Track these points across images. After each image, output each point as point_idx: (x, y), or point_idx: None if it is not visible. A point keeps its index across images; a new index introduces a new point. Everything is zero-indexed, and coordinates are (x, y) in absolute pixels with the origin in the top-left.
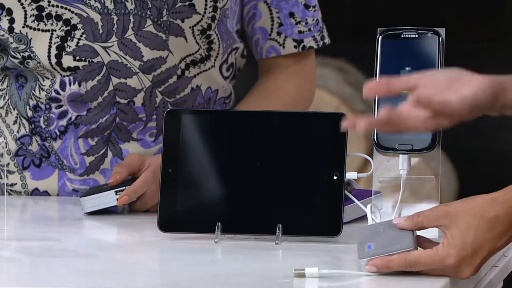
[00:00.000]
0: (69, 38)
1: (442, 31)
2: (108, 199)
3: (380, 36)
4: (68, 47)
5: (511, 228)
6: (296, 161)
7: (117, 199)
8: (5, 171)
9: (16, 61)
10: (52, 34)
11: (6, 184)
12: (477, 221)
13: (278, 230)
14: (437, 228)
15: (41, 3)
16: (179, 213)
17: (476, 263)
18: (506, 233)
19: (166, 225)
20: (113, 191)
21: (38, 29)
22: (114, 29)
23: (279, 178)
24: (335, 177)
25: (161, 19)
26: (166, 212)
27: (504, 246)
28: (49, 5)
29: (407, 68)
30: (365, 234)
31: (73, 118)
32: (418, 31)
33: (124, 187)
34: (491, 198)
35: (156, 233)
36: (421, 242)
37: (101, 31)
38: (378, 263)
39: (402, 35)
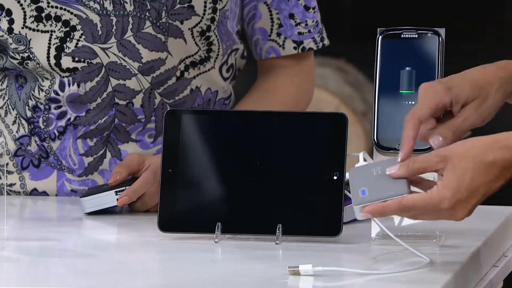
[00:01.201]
0: (68, 39)
1: (442, 31)
2: (108, 199)
3: (380, 36)
4: (67, 48)
5: (507, 172)
6: (296, 161)
7: (117, 199)
8: (3, 171)
9: (15, 61)
10: (51, 35)
11: (5, 184)
12: (475, 164)
13: (278, 230)
14: (435, 172)
15: (40, 4)
16: (179, 213)
17: (471, 205)
18: (501, 176)
19: (166, 225)
20: (113, 191)
21: (37, 30)
22: (113, 30)
23: (279, 178)
24: (335, 177)
25: (160, 21)
26: (166, 212)
27: (497, 190)
28: (48, 6)
29: (407, 68)
30: (358, 177)
31: (72, 118)
32: (418, 31)
33: (124, 187)
34: (492, 141)
35: (156, 233)
36: (416, 182)
37: (100, 32)
38: (372, 209)
39: (402, 35)
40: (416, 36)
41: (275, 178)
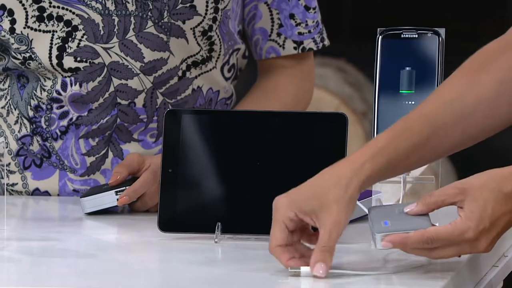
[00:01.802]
0: (70, 39)
1: (442, 31)
2: (108, 199)
3: (380, 36)
4: (69, 48)
5: None
6: (296, 161)
7: (117, 199)
8: (6, 171)
9: (17, 61)
10: (53, 35)
11: (7, 184)
12: (494, 195)
13: None
14: (453, 205)
15: (42, 4)
16: (179, 213)
17: (492, 236)
18: None
19: (166, 225)
20: (113, 191)
21: (39, 30)
22: (115, 30)
23: (279, 178)
24: None
25: (162, 21)
26: (166, 212)
27: None
28: (50, 6)
29: (407, 68)
30: (378, 212)
31: (74, 118)
32: (418, 31)
33: (124, 187)
34: (509, 173)
35: (156, 233)
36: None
37: (102, 32)
38: (395, 239)
39: (402, 35)
40: (416, 36)
41: (275, 178)
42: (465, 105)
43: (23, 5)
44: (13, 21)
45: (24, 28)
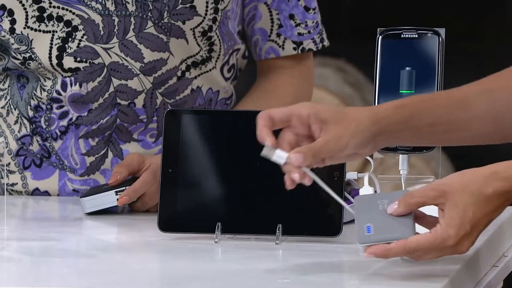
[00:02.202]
0: (70, 39)
1: (442, 31)
2: (108, 199)
3: (380, 36)
4: (69, 48)
5: (506, 202)
6: None
7: (117, 199)
8: (6, 171)
9: (17, 61)
10: (53, 35)
11: (7, 184)
12: (475, 198)
13: (278, 230)
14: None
15: (42, 4)
16: (179, 213)
17: (474, 237)
18: (501, 206)
19: (166, 225)
20: (113, 191)
21: (39, 30)
22: (115, 30)
23: (279, 178)
24: (335, 177)
25: (162, 21)
26: (166, 212)
27: (496, 217)
28: (50, 6)
29: (407, 68)
30: (364, 208)
31: (74, 118)
32: (418, 31)
33: (124, 187)
34: (490, 172)
35: (156, 233)
36: (419, 218)
37: (102, 32)
38: (377, 251)
39: (402, 35)
40: (416, 36)
41: (275, 178)
42: (502, 98)
43: (23, 5)
44: (13, 21)
45: (24, 28)
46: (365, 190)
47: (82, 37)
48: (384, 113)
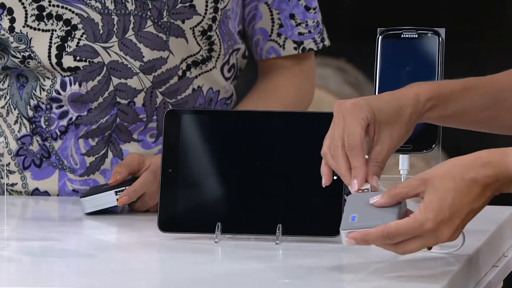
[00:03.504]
0: (69, 38)
1: (442, 31)
2: (108, 199)
3: (380, 36)
4: (69, 47)
5: (489, 191)
6: (296, 161)
7: (117, 199)
8: (6, 171)
9: (16, 60)
10: (52, 34)
11: (7, 184)
12: (455, 183)
13: (278, 230)
14: (417, 197)
15: (41, 3)
16: (179, 213)
17: (455, 225)
18: (483, 195)
19: (166, 225)
20: (113, 191)
21: (39, 29)
22: (114, 29)
23: (279, 178)
24: (335, 177)
25: (162, 20)
26: (166, 212)
27: (481, 208)
28: (49, 5)
29: (407, 68)
30: (353, 203)
31: (74, 118)
32: (418, 31)
33: (124, 187)
34: (473, 158)
35: (156, 233)
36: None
37: (101, 31)
38: (356, 236)
39: (402, 35)
40: (416, 36)
41: (275, 179)
42: None
43: (22, 4)
44: (12, 20)
45: (24, 27)
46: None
47: (82, 36)
48: (424, 106)
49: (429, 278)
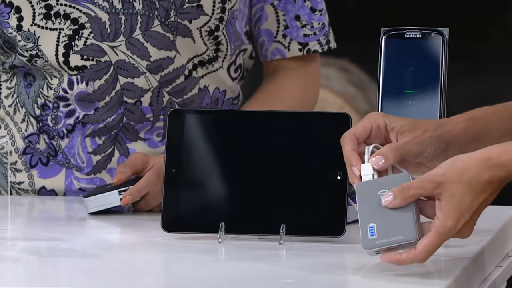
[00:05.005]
0: (76, 37)
1: (445, 31)
2: (112, 199)
3: (384, 36)
4: (76, 46)
5: (502, 185)
6: (300, 161)
7: (120, 199)
8: (11, 169)
9: (24, 59)
10: (59, 33)
11: (14, 182)
12: (472, 188)
13: (282, 230)
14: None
15: (49, 1)
16: (183, 213)
17: (474, 222)
18: (497, 190)
19: (170, 225)
20: (116, 191)
21: (46, 28)
22: (121, 28)
23: (282, 178)
24: (338, 177)
25: (169, 20)
26: (169, 212)
27: (492, 200)
28: (57, 4)
29: (411, 68)
30: (365, 200)
31: (81, 117)
32: (422, 31)
33: (127, 187)
34: (484, 159)
35: (159, 233)
36: (422, 208)
37: (108, 30)
38: (389, 259)
39: (405, 35)
40: (420, 36)
41: (278, 178)
42: None
43: (30, 2)
44: (20, 19)
45: (31, 25)
46: (365, 167)
47: (89, 35)
48: (454, 130)
49: (434, 277)
